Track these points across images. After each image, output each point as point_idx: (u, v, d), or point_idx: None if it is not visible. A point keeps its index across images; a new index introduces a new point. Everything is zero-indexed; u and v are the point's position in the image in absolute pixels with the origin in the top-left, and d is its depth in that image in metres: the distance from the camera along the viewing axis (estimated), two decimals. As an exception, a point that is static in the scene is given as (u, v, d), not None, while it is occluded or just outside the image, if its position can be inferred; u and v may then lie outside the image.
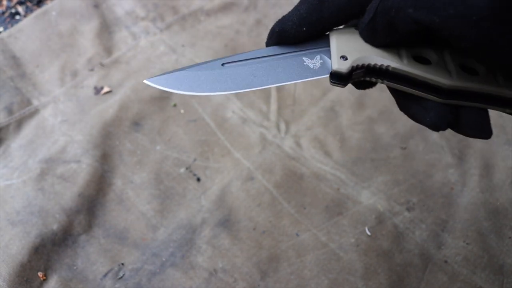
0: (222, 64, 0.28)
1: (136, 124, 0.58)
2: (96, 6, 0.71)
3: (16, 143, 0.56)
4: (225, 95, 0.61)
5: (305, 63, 0.28)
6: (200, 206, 0.51)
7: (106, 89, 0.62)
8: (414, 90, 0.27)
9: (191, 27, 0.71)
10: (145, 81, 0.29)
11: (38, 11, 0.70)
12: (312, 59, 0.28)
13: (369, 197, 0.51)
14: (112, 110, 0.59)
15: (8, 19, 0.72)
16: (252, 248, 0.48)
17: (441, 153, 0.55)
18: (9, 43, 0.66)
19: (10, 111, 0.59)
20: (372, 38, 0.27)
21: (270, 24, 0.72)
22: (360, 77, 0.27)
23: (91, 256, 0.47)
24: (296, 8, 0.28)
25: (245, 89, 0.28)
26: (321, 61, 0.28)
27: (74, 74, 0.64)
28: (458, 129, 0.28)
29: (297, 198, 0.51)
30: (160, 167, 0.54)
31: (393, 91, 0.29)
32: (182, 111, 0.60)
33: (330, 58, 0.27)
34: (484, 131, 0.27)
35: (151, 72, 0.64)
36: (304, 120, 0.59)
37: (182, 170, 0.54)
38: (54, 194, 0.50)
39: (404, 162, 0.54)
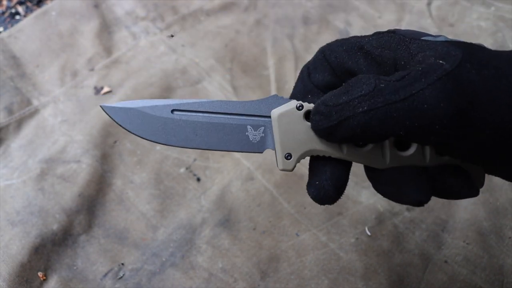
0: (172, 111, 0.29)
1: (136, 124, 0.58)
2: (96, 6, 0.71)
3: (16, 143, 0.56)
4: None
5: (246, 133, 0.29)
6: (200, 206, 0.51)
7: (106, 89, 0.62)
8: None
9: (191, 27, 0.71)
10: (100, 106, 0.30)
11: (38, 11, 0.70)
12: (255, 129, 0.29)
13: (369, 197, 0.51)
14: (112, 110, 0.59)
15: (8, 19, 0.72)
16: (252, 248, 0.48)
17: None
18: (9, 43, 0.66)
19: (10, 111, 0.59)
20: (327, 138, 0.27)
21: (270, 24, 0.72)
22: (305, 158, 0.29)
23: (91, 256, 0.47)
24: (295, 86, 0.31)
25: (183, 146, 0.29)
26: (263, 135, 0.29)
27: (74, 74, 0.64)
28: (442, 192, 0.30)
29: (297, 198, 0.51)
30: (160, 167, 0.54)
31: None
32: (182, 111, 0.60)
33: (272, 134, 0.29)
34: (471, 190, 0.29)
35: (151, 72, 0.64)
36: (304, 120, 0.59)
37: (182, 170, 0.54)
38: (54, 194, 0.50)
39: (404, 162, 0.54)
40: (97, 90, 0.62)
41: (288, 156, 0.28)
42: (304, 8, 0.74)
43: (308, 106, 0.28)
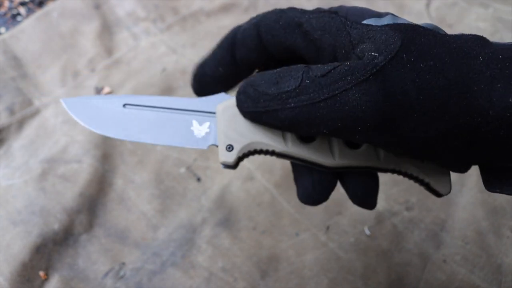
0: (124, 105, 0.30)
1: (137, 124, 0.58)
2: (97, 7, 0.72)
3: (18, 143, 0.56)
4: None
5: (191, 128, 0.29)
6: (201, 205, 0.51)
7: (106, 90, 0.62)
8: (301, 163, 0.28)
9: (191, 27, 0.71)
10: (61, 100, 0.31)
11: (40, 12, 0.70)
12: (201, 124, 0.29)
13: (368, 197, 0.52)
14: (113, 111, 0.59)
15: (10, 20, 0.72)
16: (252, 248, 0.48)
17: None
18: (10, 44, 0.67)
19: (11, 112, 0.59)
20: (250, 119, 0.27)
21: (270, 25, 0.72)
22: (249, 155, 0.29)
23: (92, 256, 0.47)
24: (212, 52, 0.30)
25: (132, 140, 0.29)
26: (208, 130, 0.29)
27: (75, 74, 0.64)
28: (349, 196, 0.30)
29: (296, 198, 0.51)
30: (161, 167, 0.54)
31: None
32: (182, 111, 0.60)
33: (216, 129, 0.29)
34: (368, 200, 0.30)
35: (152, 73, 0.64)
36: (304, 120, 0.59)
37: (183, 170, 0.54)
38: (55, 193, 0.51)
39: (403, 162, 0.55)
40: (98, 91, 0.62)
41: (229, 148, 0.28)
42: (304, 9, 0.74)
43: None
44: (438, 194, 0.29)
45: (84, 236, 0.49)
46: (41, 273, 0.45)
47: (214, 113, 0.29)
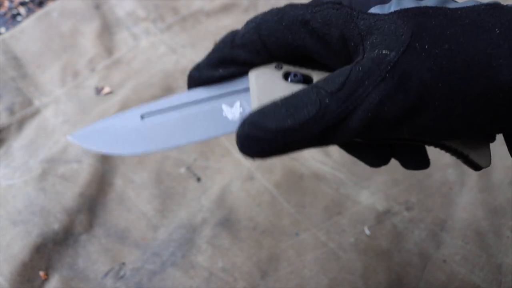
0: (142, 117, 0.27)
1: (137, 124, 0.58)
2: (97, 7, 0.72)
3: (18, 143, 0.56)
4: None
5: (223, 114, 0.27)
6: (201, 205, 0.51)
7: (107, 90, 0.62)
8: None
9: (191, 27, 0.71)
10: (68, 137, 0.28)
11: (40, 12, 0.70)
12: (231, 106, 0.27)
13: (368, 197, 0.52)
14: (113, 111, 0.59)
15: (10, 20, 0.72)
16: (252, 248, 0.48)
17: (439, 153, 0.55)
18: (10, 44, 0.67)
19: (11, 112, 0.59)
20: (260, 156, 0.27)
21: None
22: None
23: (92, 256, 0.47)
24: (208, 56, 0.28)
25: (163, 149, 0.27)
26: (241, 109, 0.27)
27: (75, 74, 0.64)
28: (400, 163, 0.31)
29: (296, 198, 0.52)
30: (161, 167, 0.54)
31: None
32: (182, 111, 0.60)
33: (250, 105, 0.26)
34: (420, 164, 0.31)
35: (152, 73, 0.64)
36: (304, 120, 0.59)
37: (183, 170, 0.54)
38: (55, 193, 0.51)
39: (403, 162, 0.55)
40: (98, 91, 0.62)
41: None
42: (304, 9, 0.74)
43: (288, 67, 0.26)
44: (478, 167, 0.28)
45: (84, 236, 0.49)
46: (41, 273, 0.45)
47: (239, 91, 0.27)
